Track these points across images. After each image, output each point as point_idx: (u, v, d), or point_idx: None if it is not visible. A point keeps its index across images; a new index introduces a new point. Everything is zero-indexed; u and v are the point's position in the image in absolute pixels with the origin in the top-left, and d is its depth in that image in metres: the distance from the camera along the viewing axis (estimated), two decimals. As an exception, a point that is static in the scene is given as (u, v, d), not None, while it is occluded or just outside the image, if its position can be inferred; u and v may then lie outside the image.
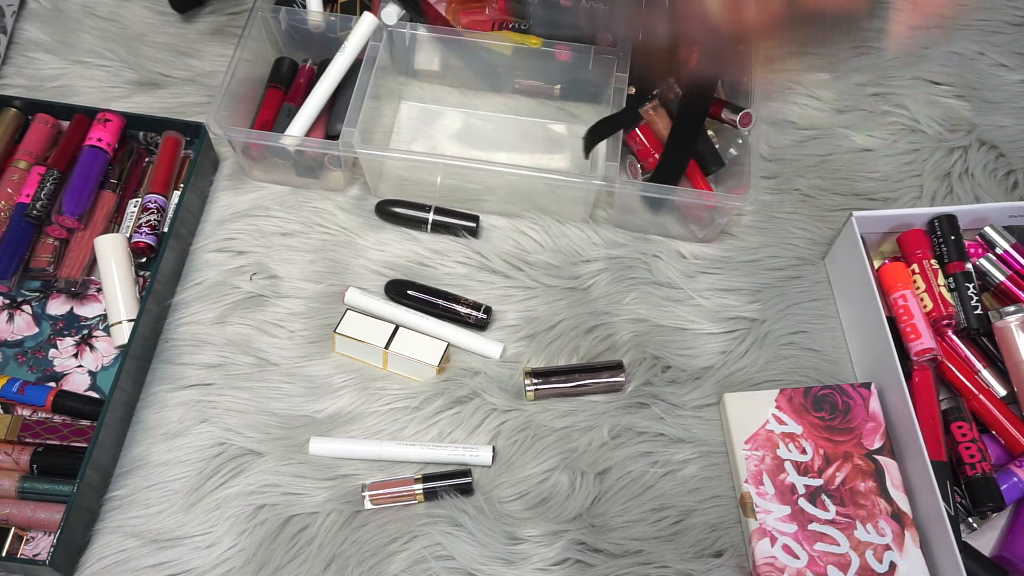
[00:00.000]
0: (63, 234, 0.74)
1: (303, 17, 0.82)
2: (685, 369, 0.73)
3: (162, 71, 0.86)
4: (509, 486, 0.67)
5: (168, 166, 0.77)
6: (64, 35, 0.87)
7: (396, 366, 0.71)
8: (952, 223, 0.74)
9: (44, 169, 0.74)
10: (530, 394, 0.70)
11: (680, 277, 0.77)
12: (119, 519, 0.65)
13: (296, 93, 0.82)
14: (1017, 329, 0.68)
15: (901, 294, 0.71)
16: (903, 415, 0.66)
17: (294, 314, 0.74)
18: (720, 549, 0.66)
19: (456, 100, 0.87)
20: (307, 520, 0.65)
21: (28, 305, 0.73)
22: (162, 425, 0.69)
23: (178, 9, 0.89)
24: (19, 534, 0.64)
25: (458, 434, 0.69)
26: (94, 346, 0.72)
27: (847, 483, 0.65)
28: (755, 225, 0.81)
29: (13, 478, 0.64)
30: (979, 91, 0.90)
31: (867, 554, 0.63)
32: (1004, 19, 0.95)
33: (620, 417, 0.70)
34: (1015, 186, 0.85)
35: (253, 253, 0.76)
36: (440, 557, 0.64)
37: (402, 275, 0.76)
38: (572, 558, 0.64)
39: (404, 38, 0.81)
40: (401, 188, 0.80)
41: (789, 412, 0.68)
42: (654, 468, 0.68)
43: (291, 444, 0.68)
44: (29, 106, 0.78)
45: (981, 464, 0.66)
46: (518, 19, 0.84)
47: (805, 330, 0.76)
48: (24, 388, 0.67)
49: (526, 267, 0.77)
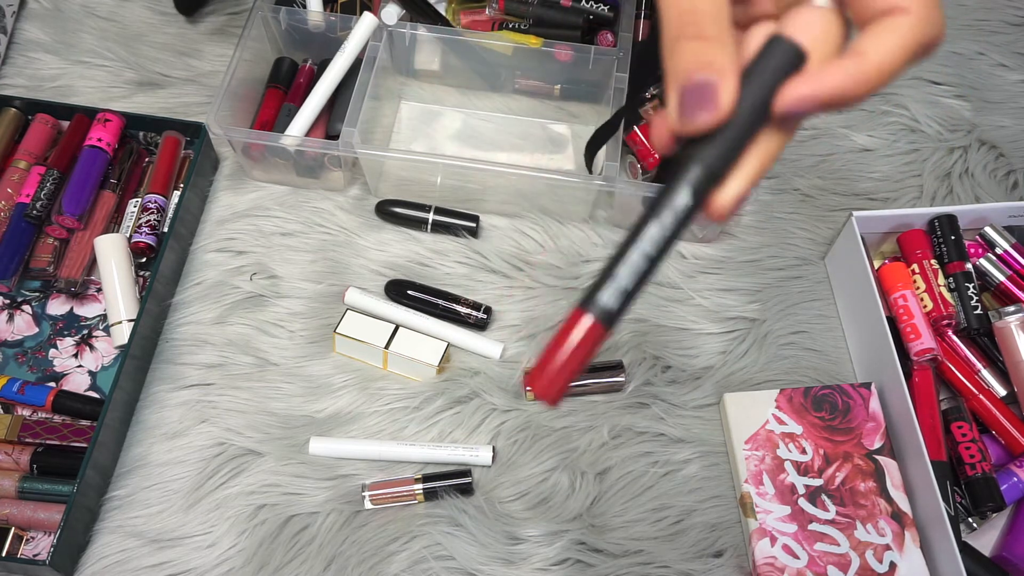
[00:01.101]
0: (63, 234, 0.74)
1: (303, 17, 0.82)
2: (685, 369, 0.73)
3: (162, 71, 0.86)
4: (509, 486, 0.67)
5: (168, 166, 0.77)
6: (64, 35, 0.87)
7: (396, 366, 0.71)
8: (952, 223, 0.74)
9: (44, 169, 0.74)
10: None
11: (680, 277, 0.77)
12: (119, 519, 0.65)
13: (296, 93, 0.82)
14: (1017, 329, 0.68)
15: (901, 294, 0.71)
16: (903, 415, 0.66)
17: (294, 314, 0.74)
18: (720, 549, 0.66)
19: (456, 100, 0.87)
20: (307, 520, 0.65)
21: (28, 305, 0.73)
22: (162, 425, 0.69)
23: (184, 12, 0.89)
24: (19, 534, 0.64)
25: (458, 434, 0.69)
26: (94, 346, 0.72)
27: (847, 483, 0.65)
28: (755, 225, 0.81)
29: (13, 478, 0.64)
30: (979, 91, 0.90)
31: (867, 554, 0.63)
32: (1004, 19, 0.95)
33: (620, 417, 0.70)
34: (1015, 186, 0.85)
35: (253, 253, 0.76)
36: (440, 557, 0.64)
37: (402, 275, 0.76)
38: (572, 558, 0.64)
39: (404, 38, 0.81)
40: (401, 188, 0.80)
41: (789, 412, 0.68)
42: (654, 468, 0.68)
43: (291, 444, 0.68)
44: (29, 106, 0.78)
45: (981, 464, 0.66)
46: (518, 19, 0.84)
47: (805, 330, 0.76)
48: (24, 388, 0.67)
49: (526, 267, 0.77)
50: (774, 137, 0.32)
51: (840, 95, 0.30)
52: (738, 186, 0.32)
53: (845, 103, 0.30)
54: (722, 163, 0.31)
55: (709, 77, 0.30)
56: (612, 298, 0.32)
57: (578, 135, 0.85)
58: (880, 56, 0.30)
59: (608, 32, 0.84)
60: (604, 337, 0.33)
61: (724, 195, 0.32)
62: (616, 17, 0.84)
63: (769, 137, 0.32)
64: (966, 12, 0.95)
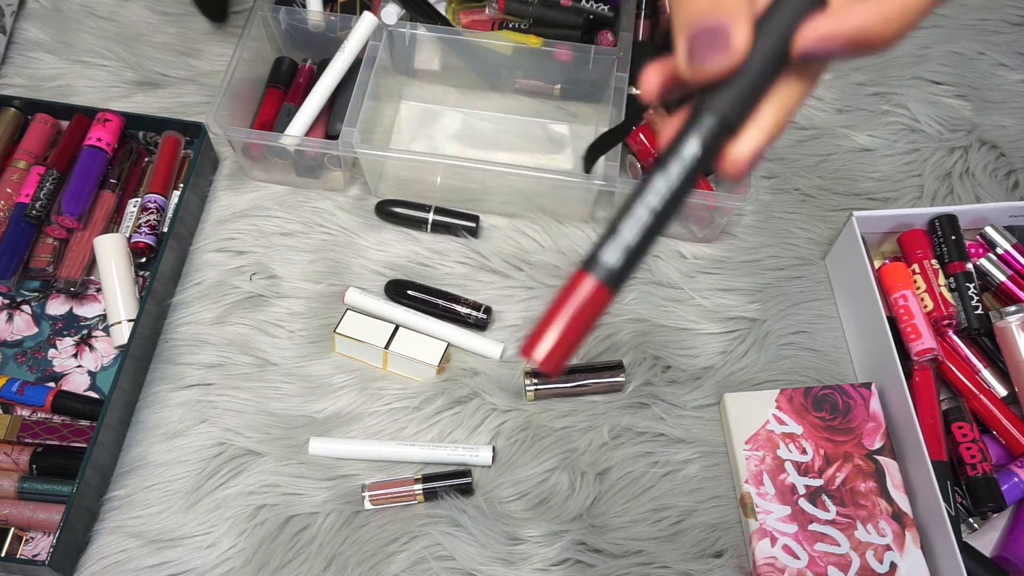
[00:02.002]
0: (63, 234, 0.73)
1: (303, 17, 0.82)
2: (685, 369, 0.73)
3: (162, 71, 0.86)
4: (509, 486, 0.67)
5: (168, 166, 0.77)
6: (64, 35, 0.87)
7: (396, 366, 0.71)
8: (952, 223, 0.74)
9: (44, 169, 0.73)
10: (530, 394, 0.70)
11: (680, 277, 0.77)
12: (119, 519, 0.65)
13: (296, 93, 0.81)
14: (1018, 329, 0.68)
15: (901, 294, 0.71)
16: (904, 415, 0.66)
17: (294, 314, 0.74)
18: (720, 549, 0.66)
19: (456, 100, 0.87)
20: (307, 520, 0.65)
21: (28, 305, 0.73)
22: (162, 425, 0.69)
23: (214, 18, 0.88)
24: (19, 534, 0.64)
25: (458, 434, 0.69)
26: (94, 346, 0.72)
27: (847, 483, 0.65)
28: (755, 225, 0.81)
29: (12, 478, 0.64)
30: (979, 91, 0.90)
31: (867, 554, 0.63)
32: (1004, 19, 0.95)
33: (620, 417, 0.70)
34: (1015, 186, 0.85)
35: (253, 253, 0.76)
36: (440, 557, 0.64)
37: (402, 275, 0.76)
38: (572, 558, 0.64)
39: (404, 38, 0.81)
40: (401, 188, 0.80)
41: (789, 412, 0.68)
42: (654, 468, 0.68)
43: (291, 444, 0.68)
44: (29, 106, 0.78)
45: (982, 464, 0.66)
46: (518, 19, 0.84)
47: (805, 330, 0.76)
48: (24, 388, 0.67)
49: (526, 267, 0.77)
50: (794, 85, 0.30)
51: (864, 34, 0.28)
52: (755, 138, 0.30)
53: (870, 44, 0.29)
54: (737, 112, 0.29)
55: (720, 19, 0.28)
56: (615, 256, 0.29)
57: (578, 135, 0.85)
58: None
59: (608, 32, 0.84)
60: (609, 300, 0.30)
61: (740, 148, 0.30)
62: (616, 17, 0.84)
63: (789, 85, 0.30)
64: (967, 12, 0.95)
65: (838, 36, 0.28)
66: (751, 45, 0.29)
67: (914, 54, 0.92)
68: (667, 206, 0.29)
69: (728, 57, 0.28)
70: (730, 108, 0.29)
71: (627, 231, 0.29)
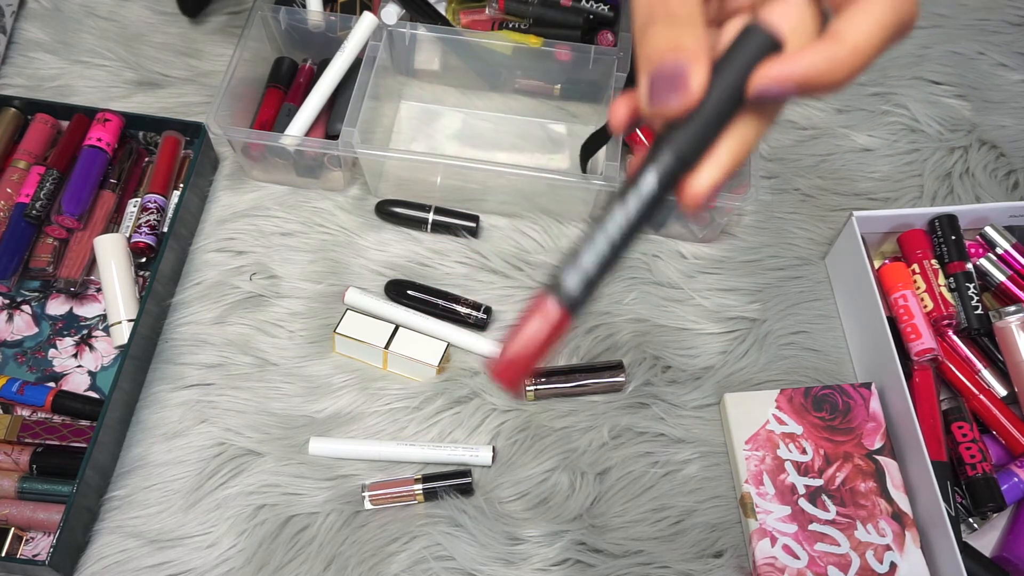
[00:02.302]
0: (63, 234, 0.73)
1: (303, 17, 0.82)
2: (685, 369, 0.73)
3: (162, 71, 0.86)
4: (509, 486, 0.67)
5: (168, 166, 0.77)
6: (64, 35, 0.87)
7: (396, 366, 0.71)
8: (952, 223, 0.74)
9: (44, 169, 0.73)
10: (530, 394, 0.70)
11: (680, 277, 0.77)
12: (119, 519, 0.65)
13: (296, 93, 0.81)
14: (1018, 329, 0.68)
15: (901, 294, 0.71)
16: (903, 415, 0.66)
17: (294, 314, 0.74)
18: (720, 549, 0.66)
19: (456, 100, 0.87)
20: (307, 520, 0.65)
21: (28, 305, 0.73)
22: (162, 425, 0.69)
23: (188, 14, 0.88)
24: (19, 534, 0.64)
25: (458, 434, 0.69)
26: (94, 346, 0.72)
27: (847, 483, 0.65)
28: (755, 225, 0.81)
29: (12, 478, 0.64)
30: (979, 91, 0.90)
31: (867, 554, 0.63)
32: (1004, 19, 0.95)
33: (620, 417, 0.70)
34: (1015, 186, 0.85)
35: (253, 253, 0.76)
36: (440, 557, 0.64)
37: (402, 275, 0.76)
38: (572, 558, 0.64)
39: (404, 38, 0.81)
40: (401, 188, 0.80)
41: (789, 412, 0.68)
42: (654, 468, 0.68)
43: (291, 444, 0.68)
44: (29, 106, 0.78)
45: (982, 464, 0.66)
46: (518, 19, 0.84)
47: (805, 330, 0.76)
48: (24, 388, 0.67)
49: (526, 267, 0.77)
50: (751, 123, 0.31)
51: (816, 76, 0.29)
52: (712, 174, 0.31)
53: (822, 86, 0.30)
54: (693, 149, 0.31)
55: (679, 60, 0.30)
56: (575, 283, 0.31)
57: (578, 135, 0.85)
58: (855, 37, 0.29)
59: (608, 32, 0.84)
60: (568, 324, 0.31)
61: (697, 183, 0.31)
62: (616, 17, 0.84)
63: (746, 123, 0.31)
64: (966, 12, 0.95)
65: (790, 79, 0.30)
66: (708, 86, 0.30)
67: (914, 54, 0.92)
68: (623, 238, 0.31)
69: (685, 98, 0.30)
70: (687, 146, 0.31)
71: (587, 260, 0.31)
